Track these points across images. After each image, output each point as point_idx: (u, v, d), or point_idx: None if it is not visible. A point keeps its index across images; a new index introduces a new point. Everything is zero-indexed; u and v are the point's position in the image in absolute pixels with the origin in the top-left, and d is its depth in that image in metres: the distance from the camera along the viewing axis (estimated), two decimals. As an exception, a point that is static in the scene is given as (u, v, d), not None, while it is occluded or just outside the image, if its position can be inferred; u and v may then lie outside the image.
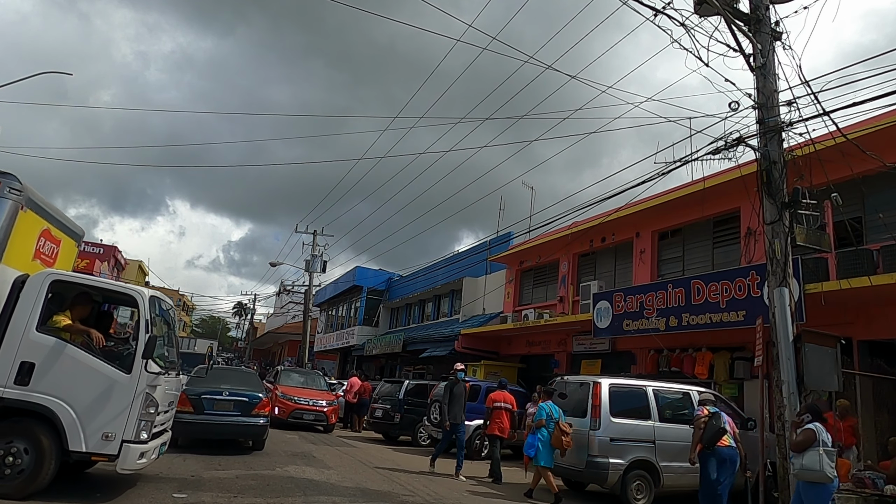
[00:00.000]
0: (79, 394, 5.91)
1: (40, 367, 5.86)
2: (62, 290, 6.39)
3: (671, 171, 8.50)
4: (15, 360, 5.82)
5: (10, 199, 6.04)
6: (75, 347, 6.05)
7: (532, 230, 17.01)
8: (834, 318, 9.59)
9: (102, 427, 5.89)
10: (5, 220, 6.00)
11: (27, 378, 5.80)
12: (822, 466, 5.95)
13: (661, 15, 7.60)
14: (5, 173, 6.08)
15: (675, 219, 14.79)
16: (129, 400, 6.02)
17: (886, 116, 9.15)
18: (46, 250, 7.12)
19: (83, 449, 5.82)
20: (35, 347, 5.91)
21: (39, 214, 6.71)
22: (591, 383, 9.30)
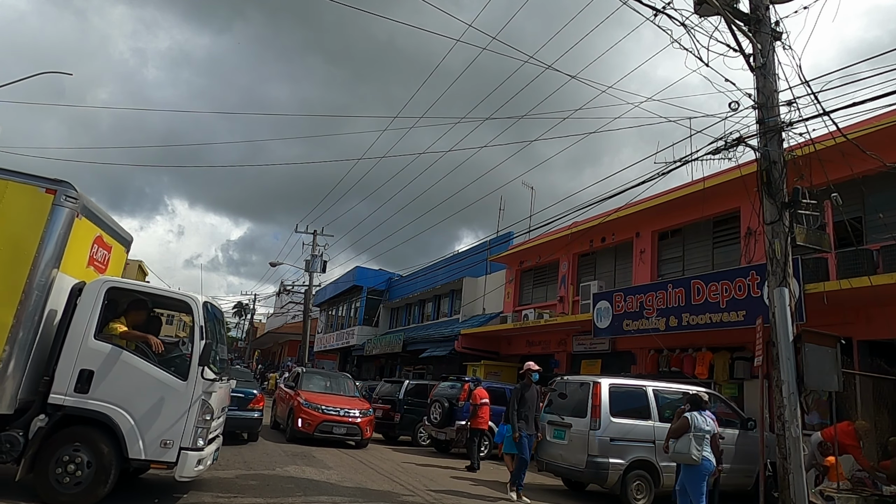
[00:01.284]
0: (136, 401, 5.90)
1: (99, 375, 5.86)
2: (116, 297, 6.37)
3: (671, 170, 8.49)
4: (74, 368, 5.83)
5: (67, 208, 6.03)
6: (132, 354, 6.06)
7: (532, 230, 17.01)
8: (834, 318, 9.59)
9: (160, 434, 5.89)
10: (63, 228, 6.00)
11: (87, 386, 5.80)
12: (690, 450, 6.95)
13: (661, 15, 7.59)
14: (61, 181, 6.05)
15: (675, 219, 14.79)
16: (186, 407, 6.01)
17: (886, 116, 9.15)
18: (99, 257, 7.14)
19: (142, 456, 5.81)
20: (93, 355, 5.91)
21: (93, 221, 6.71)
22: (591, 383, 9.30)
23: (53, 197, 5.95)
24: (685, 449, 7.04)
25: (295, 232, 30.67)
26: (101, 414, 5.78)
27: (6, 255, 5.74)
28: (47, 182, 6.01)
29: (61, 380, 5.79)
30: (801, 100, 7.27)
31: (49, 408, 5.76)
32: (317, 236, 30.27)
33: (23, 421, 5.71)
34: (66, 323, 5.98)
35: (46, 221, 5.88)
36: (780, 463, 6.72)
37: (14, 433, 5.63)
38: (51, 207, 5.91)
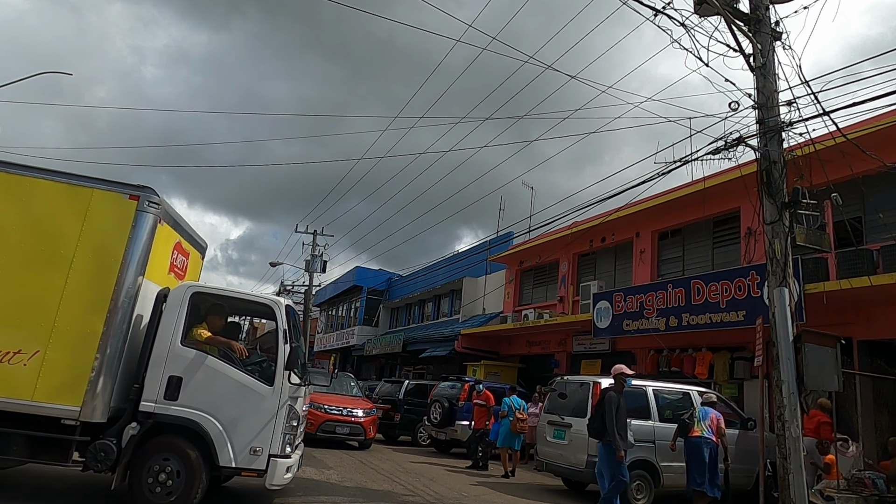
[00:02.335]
0: (224, 408, 5.83)
1: (187, 381, 5.81)
2: (199, 303, 6.31)
3: (671, 170, 8.50)
4: (163, 375, 5.79)
5: (150, 213, 6.00)
6: (219, 360, 5.99)
7: (532, 230, 17.02)
8: (834, 318, 9.59)
9: (249, 441, 5.80)
10: (147, 235, 5.96)
11: (175, 393, 5.76)
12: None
13: (661, 15, 7.60)
14: (144, 187, 6.02)
15: (675, 219, 14.79)
16: (274, 413, 5.91)
17: (886, 116, 9.15)
18: (179, 263, 7.10)
19: (233, 464, 5.74)
20: (181, 361, 5.87)
21: (173, 227, 6.68)
22: (591, 383, 9.30)
23: (137, 203, 5.91)
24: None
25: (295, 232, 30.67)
26: (190, 421, 5.72)
27: (94, 263, 5.73)
28: (130, 188, 5.98)
29: (151, 387, 5.75)
30: (801, 100, 7.28)
31: (140, 415, 5.72)
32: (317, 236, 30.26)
33: (115, 429, 5.68)
34: (153, 330, 5.95)
35: (131, 228, 5.84)
36: (780, 463, 6.73)
37: (107, 441, 5.59)
38: (135, 214, 5.89)
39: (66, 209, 5.82)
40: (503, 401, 11.97)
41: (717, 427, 8.30)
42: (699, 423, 8.32)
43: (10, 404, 5.40)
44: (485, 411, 12.31)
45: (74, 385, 5.48)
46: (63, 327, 5.56)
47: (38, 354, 5.48)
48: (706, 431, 8.19)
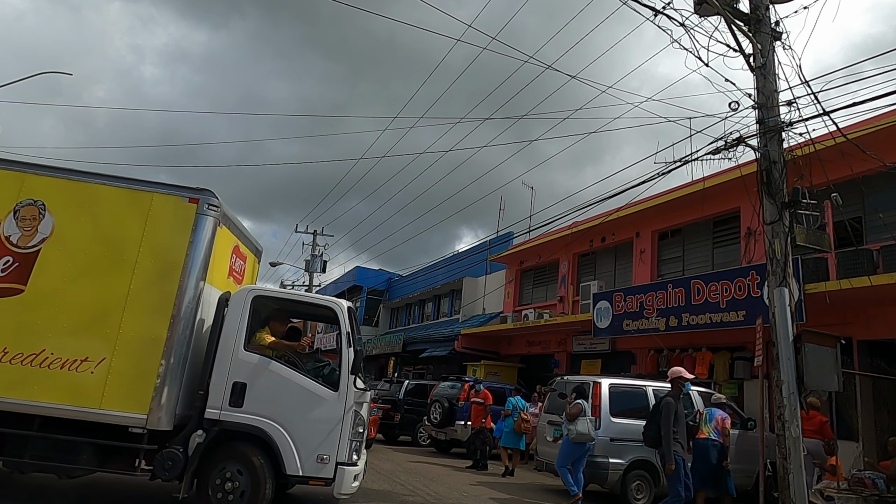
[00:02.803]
0: (290, 414, 5.69)
1: (251, 388, 5.69)
2: (260, 306, 6.20)
3: (671, 170, 8.49)
4: (228, 381, 5.68)
5: (210, 216, 5.90)
6: (283, 365, 5.87)
7: (532, 230, 17.03)
8: (834, 318, 9.59)
9: (316, 449, 5.66)
10: (207, 238, 5.87)
11: (240, 399, 5.64)
12: (588, 430, 8.28)
13: (661, 15, 7.59)
14: (203, 189, 5.94)
15: (675, 219, 14.79)
16: (339, 419, 5.75)
17: (886, 116, 9.15)
18: (237, 267, 6.99)
19: (300, 472, 5.59)
20: (245, 367, 5.75)
21: (231, 230, 6.57)
22: (591, 383, 9.30)
23: (196, 206, 5.83)
24: (585, 430, 8.24)
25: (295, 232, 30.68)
26: (256, 428, 5.60)
27: (156, 268, 5.68)
28: (190, 191, 5.91)
29: (216, 394, 5.65)
30: (801, 100, 7.28)
31: (206, 423, 5.61)
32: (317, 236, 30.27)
33: (182, 437, 5.58)
34: (215, 335, 5.84)
35: (191, 231, 5.76)
36: (780, 463, 6.72)
37: (174, 450, 5.49)
38: (195, 217, 5.81)
39: (128, 214, 5.78)
40: (507, 401, 12.02)
41: (722, 428, 8.29)
42: (706, 425, 8.32)
43: (78, 412, 5.34)
44: (482, 409, 12.36)
45: (141, 392, 5.40)
46: (128, 334, 5.51)
47: (104, 362, 5.43)
48: (713, 433, 8.19)
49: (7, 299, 5.52)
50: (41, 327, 5.47)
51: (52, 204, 5.75)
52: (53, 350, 5.42)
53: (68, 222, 5.73)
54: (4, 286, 5.56)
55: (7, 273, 5.57)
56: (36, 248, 5.64)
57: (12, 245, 5.63)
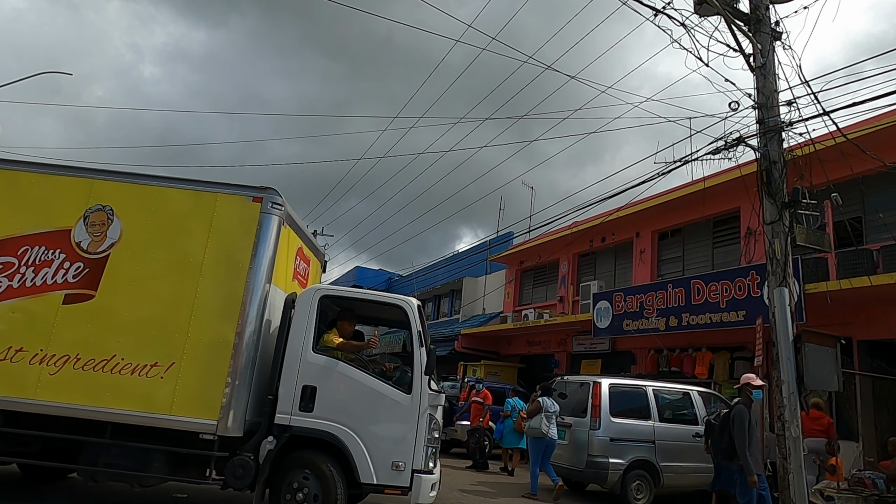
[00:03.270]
0: (361, 419, 5.46)
1: (322, 391, 5.50)
2: (327, 307, 6.03)
3: (671, 170, 8.50)
4: (297, 385, 5.49)
5: (275, 216, 5.76)
6: (354, 368, 5.66)
7: (532, 230, 17.02)
8: (834, 318, 9.59)
9: (390, 455, 5.37)
10: (272, 238, 5.73)
11: (310, 404, 5.44)
12: (541, 426, 8.75)
13: (661, 15, 7.60)
14: (267, 188, 5.82)
15: (675, 219, 14.79)
16: (414, 423, 5.46)
17: (886, 116, 9.15)
18: (301, 271, 6.82)
19: (374, 481, 5.32)
20: (314, 370, 5.57)
21: (295, 231, 6.42)
22: (591, 383, 9.30)
23: (260, 205, 5.73)
24: (537, 425, 8.76)
25: (295, 232, 30.64)
26: (328, 434, 5.38)
27: (222, 270, 5.58)
28: (254, 190, 5.81)
29: (285, 398, 5.47)
30: (801, 99, 7.28)
31: (276, 428, 5.44)
32: (316, 236, 30.26)
33: (252, 444, 5.43)
34: (283, 337, 5.68)
35: (256, 232, 5.65)
36: (780, 463, 6.73)
37: (245, 457, 5.33)
38: (259, 216, 5.70)
39: (193, 216, 5.73)
40: (506, 401, 12.03)
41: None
42: None
43: (149, 419, 5.25)
44: (480, 408, 12.36)
45: (210, 398, 5.28)
46: (196, 338, 5.42)
47: (174, 367, 5.34)
48: None
49: (78, 305, 5.50)
50: (111, 333, 5.44)
51: (120, 208, 5.74)
52: (124, 356, 5.36)
53: (136, 226, 5.70)
54: (76, 292, 5.54)
55: (78, 279, 5.56)
56: (105, 254, 5.63)
57: (83, 251, 5.63)
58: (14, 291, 5.55)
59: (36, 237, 5.67)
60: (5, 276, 5.58)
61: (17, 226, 5.70)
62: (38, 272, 5.57)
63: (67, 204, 5.75)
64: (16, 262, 5.60)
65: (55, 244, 5.65)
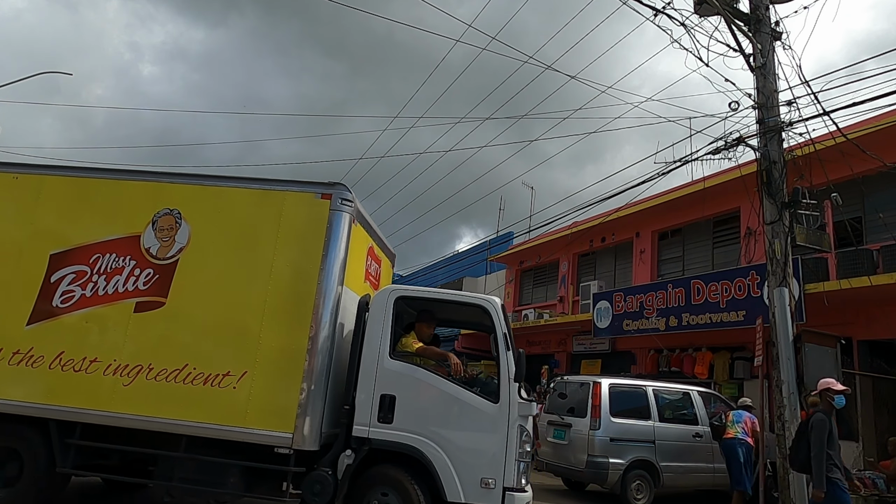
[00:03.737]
0: (446, 431, 5.01)
1: (401, 401, 5.07)
2: (403, 309, 5.62)
3: (671, 170, 8.51)
4: (375, 394, 5.10)
5: (346, 213, 5.42)
6: (435, 375, 5.23)
7: (532, 230, 17.03)
8: (834, 318, 9.59)
9: (479, 472, 4.89)
10: (343, 237, 5.38)
11: (390, 414, 5.02)
12: None
13: (661, 15, 7.60)
14: (335, 183, 5.50)
15: (675, 219, 14.79)
16: (503, 436, 4.96)
17: (886, 116, 9.15)
18: (373, 271, 6.50)
19: (462, 499, 4.85)
20: (392, 377, 5.15)
21: (365, 229, 6.08)
22: (591, 383, 9.30)
23: (329, 202, 5.39)
24: None
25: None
26: (410, 447, 4.97)
27: (292, 273, 5.30)
28: (322, 186, 5.48)
29: (363, 408, 5.08)
30: (801, 99, 7.29)
31: (354, 441, 5.06)
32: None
33: (329, 458, 5.08)
34: (358, 343, 5.31)
35: (326, 231, 5.31)
36: (780, 463, 6.73)
37: (323, 472, 4.99)
38: (328, 214, 5.36)
39: (260, 217, 5.49)
40: None
41: (751, 429, 8.42)
42: (733, 426, 8.46)
43: (223, 431, 5.00)
44: None
45: (284, 409, 4.98)
46: (268, 345, 5.14)
47: (246, 376, 5.07)
48: (740, 433, 8.33)
49: (149, 313, 5.35)
50: (183, 341, 5.27)
51: (187, 212, 5.56)
52: (196, 365, 5.15)
53: (203, 229, 5.52)
54: (147, 299, 5.38)
55: (149, 286, 5.41)
56: (174, 259, 5.46)
57: (152, 257, 5.48)
58: (87, 300, 5.45)
59: (106, 244, 5.57)
60: (78, 284, 5.48)
61: (88, 233, 5.61)
62: (109, 280, 5.47)
63: (136, 209, 5.63)
64: (88, 270, 5.50)
65: (125, 251, 5.52)
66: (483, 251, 22.67)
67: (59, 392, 5.25)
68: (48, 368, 5.30)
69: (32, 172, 5.97)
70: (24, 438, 5.38)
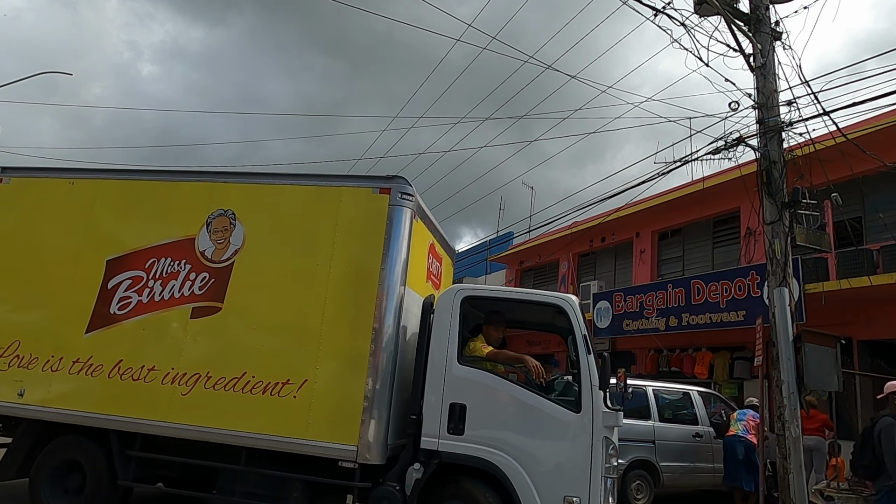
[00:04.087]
0: (522, 443, 4.61)
1: (472, 410, 4.69)
2: (469, 310, 5.24)
3: (671, 170, 8.51)
4: (443, 403, 4.73)
5: (406, 208, 5.08)
6: (508, 381, 4.87)
7: (532, 230, 17.03)
8: (834, 318, 9.60)
9: (561, 488, 4.48)
10: (404, 234, 5.05)
11: (460, 425, 4.65)
12: None
13: (661, 15, 7.60)
14: (394, 176, 5.19)
15: (675, 219, 14.80)
16: (587, 449, 4.53)
17: (886, 116, 9.15)
18: (434, 270, 6.12)
19: None
20: (461, 385, 4.77)
21: (426, 225, 5.73)
22: (591, 383, 9.29)
23: (389, 197, 5.06)
24: None
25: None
26: (484, 461, 4.56)
27: (352, 274, 5.01)
28: (380, 181, 5.18)
29: (431, 419, 4.72)
30: (801, 99, 7.29)
31: (422, 454, 4.70)
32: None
33: (396, 472, 4.73)
34: (423, 347, 4.97)
35: (386, 227, 4.98)
36: (780, 463, 6.73)
37: (390, 487, 4.65)
38: (388, 210, 5.03)
39: (316, 215, 5.23)
40: None
41: (754, 427, 8.42)
42: (735, 424, 8.52)
43: (284, 443, 4.75)
44: None
45: (347, 419, 4.68)
46: (328, 351, 4.88)
47: (306, 384, 4.80)
48: (741, 431, 8.37)
49: (206, 319, 5.16)
50: (240, 348, 5.05)
51: (241, 212, 5.36)
52: (254, 373, 4.91)
53: (258, 230, 5.30)
54: (203, 305, 5.20)
55: (205, 290, 5.22)
56: (230, 262, 5.25)
57: (207, 260, 5.30)
58: (143, 307, 5.31)
59: (161, 248, 5.42)
60: (135, 290, 5.34)
61: (143, 237, 5.49)
62: (165, 285, 5.31)
63: (190, 211, 5.46)
64: (144, 275, 5.37)
65: (180, 254, 5.35)
66: (483, 251, 22.66)
67: (118, 402, 5.12)
68: (107, 377, 5.18)
69: (88, 177, 5.90)
70: (85, 450, 5.29)
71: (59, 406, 5.24)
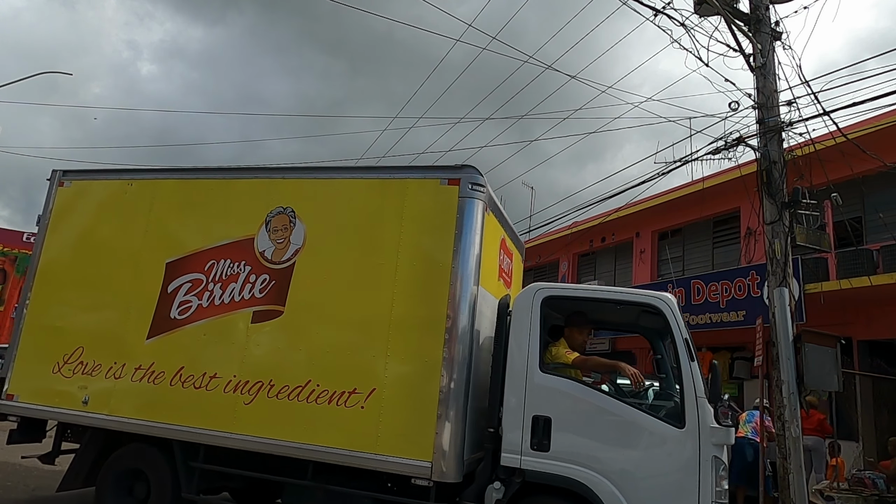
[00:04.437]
0: (617, 462, 4.12)
1: (558, 424, 4.24)
2: (550, 312, 4.78)
3: (671, 170, 8.51)
4: (525, 416, 4.29)
5: (478, 199, 4.70)
6: (598, 392, 4.40)
7: (532, 230, 17.02)
8: (834, 318, 9.59)
9: None
10: (477, 229, 4.65)
11: (545, 440, 4.20)
12: None
13: (661, 15, 7.60)
14: (463, 166, 4.84)
15: (675, 219, 14.80)
16: (694, 470, 3.97)
17: (886, 116, 9.15)
18: (506, 267, 5.70)
19: None
20: (545, 395, 4.32)
21: (498, 219, 5.32)
22: (592, 383, 9.28)
23: (458, 188, 4.67)
24: None
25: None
26: (577, 483, 4.09)
27: (421, 272, 4.62)
28: (448, 171, 4.80)
29: (511, 432, 4.30)
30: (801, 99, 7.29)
31: (502, 471, 4.31)
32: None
33: (475, 490, 4.35)
34: (501, 353, 4.54)
35: (457, 222, 4.59)
36: (780, 463, 6.73)
37: None
38: (458, 202, 4.64)
39: (381, 210, 4.89)
40: None
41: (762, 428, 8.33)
42: (744, 426, 8.49)
43: (353, 458, 4.42)
44: None
45: (420, 433, 4.30)
46: (397, 357, 4.52)
47: (374, 393, 4.46)
48: (750, 433, 8.35)
49: (267, 323, 4.89)
50: (303, 355, 4.75)
51: (301, 209, 5.06)
52: (319, 381, 4.61)
53: (319, 228, 5.00)
54: (264, 308, 4.93)
55: (265, 293, 4.95)
56: (290, 262, 4.96)
57: (267, 261, 5.02)
58: (203, 311, 5.09)
59: (220, 249, 5.19)
60: (194, 294, 5.14)
61: (202, 239, 5.27)
62: (225, 288, 5.07)
63: (248, 209, 5.23)
64: (203, 278, 5.15)
65: (240, 256, 5.10)
66: (483, 251, 22.63)
67: (181, 411, 4.93)
68: (169, 385, 5.00)
69: (146, 178, 5.79)
70: (149, 460, 5.15)
71: (122, 415, 5.10)
